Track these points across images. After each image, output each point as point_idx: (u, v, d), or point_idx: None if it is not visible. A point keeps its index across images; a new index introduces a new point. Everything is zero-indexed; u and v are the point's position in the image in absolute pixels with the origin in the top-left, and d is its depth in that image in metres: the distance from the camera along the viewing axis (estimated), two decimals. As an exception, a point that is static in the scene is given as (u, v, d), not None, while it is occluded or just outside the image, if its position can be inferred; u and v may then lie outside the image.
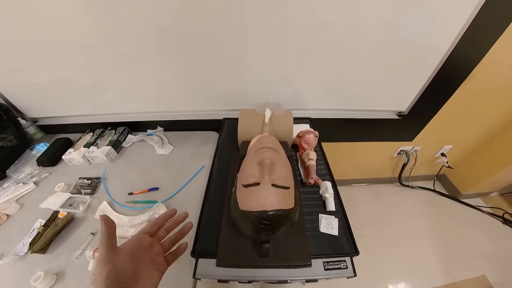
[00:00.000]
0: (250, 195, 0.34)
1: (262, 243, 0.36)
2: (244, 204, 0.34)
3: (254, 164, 0.36)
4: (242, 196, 0.35)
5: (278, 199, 0.33)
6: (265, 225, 0.32)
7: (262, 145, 0.40)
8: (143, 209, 0.63)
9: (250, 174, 0.35)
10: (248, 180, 0.35)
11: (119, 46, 0.68)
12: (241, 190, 0.36)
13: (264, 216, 0.32)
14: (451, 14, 0.63)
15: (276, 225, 0.33)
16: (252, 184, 0.34)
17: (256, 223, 0.33)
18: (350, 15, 0.62)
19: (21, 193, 0.69)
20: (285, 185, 0.35)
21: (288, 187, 0.35)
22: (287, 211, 0.34)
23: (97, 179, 0.72)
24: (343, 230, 0.50)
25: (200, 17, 0.62)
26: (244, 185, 0.35)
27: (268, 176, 0.34)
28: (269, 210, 0.32)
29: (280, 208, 0.33)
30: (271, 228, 0.33)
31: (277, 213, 0.32)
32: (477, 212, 1.34)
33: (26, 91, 0.81)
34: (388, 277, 1.08)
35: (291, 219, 0.35)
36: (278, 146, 0.42)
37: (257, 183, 0.34)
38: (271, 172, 0.35)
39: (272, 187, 0.34)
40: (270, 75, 0.77)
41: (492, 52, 0.74)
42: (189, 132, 0.90)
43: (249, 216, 0.33)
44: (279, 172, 0.35)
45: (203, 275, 0.41)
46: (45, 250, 0.55)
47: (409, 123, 0.98)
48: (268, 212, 0.32)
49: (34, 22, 0.62)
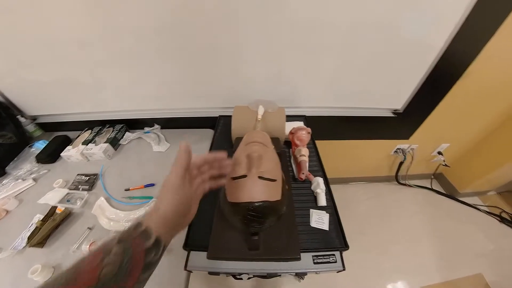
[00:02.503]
0: (237, 187, 0.35)
1: (251, 236, 0.37)
2: (232, 196, 0.35)
3: (242, 157, 0.37)
4: (230, 189, 0.36)
5: (264, 190, 0.34)
6: (252, 216, 0.33)
7: (251, 140, 0.41)
8: (139, 205, 0.64)
9: (239, 167, 0.36)
10: (236, 173, 0.36)
11: (118, 45, 0.69)
12: (229, 182, 0.37)
13: (251, 207, 0.33)
14: (446, 10, 0.64)
15: (263, 216, 0.34)
16: (239, 177, 0.35)
17: (243, 214, 0.33)
18: (346, 14, 0.63)
19: (20, 189, 0.70)
20: (272, 177, 0.36)
21: (274, 180, 0.36)
22: (273, 203, 0.34)
23: (95, 175, 0.74)
24: (334, 225, 0.50)
25: (198, 16, 0.62)
26: (232, 178, 0.36)
27: (255, 169, 0.35)
28: (255, 201, 0.33)
29: (266, 200, 0.33)
30: (258, 219, 0.33)
31: (263, 205, 0.33)
32: (474, 210, 1.34)
33: (26, 89, 0.83)
34: (385, 275, 1.09)
35: (278, 211, 0.36)
36: (267, 141, 0.43)
37: (244, 176, 0.35)
38: (258, 165, 0.36)
39: (259, 179, 0.34)
40: (266, 73, 0.78)
41: (487, 49, 0.73)
42: (186, 129, 0.91)
43: (237, 207, 0.34)
44: (266, 165, 0.36)
45: (194, 267, 0.42)
46: (43, 244, 0.57)
47: (405, 121, 0.98)
48: (254, 203, 0.33)
49: (34, 21, 0.63)
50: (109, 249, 0.22)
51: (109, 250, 0.22)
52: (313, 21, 0.64)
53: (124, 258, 0.22)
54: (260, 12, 0.62)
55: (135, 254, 0.23)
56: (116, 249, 0.22)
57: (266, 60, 0.74)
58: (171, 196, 0.27)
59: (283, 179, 0.42)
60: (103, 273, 0.21)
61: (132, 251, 0.23)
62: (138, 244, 0.24)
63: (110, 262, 0.22)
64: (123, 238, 0.24)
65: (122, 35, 0.67)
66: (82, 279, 0.20)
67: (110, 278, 0.21)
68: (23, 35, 0.66)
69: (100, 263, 0.21)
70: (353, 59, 0.74)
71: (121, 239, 0.24)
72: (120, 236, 0.24)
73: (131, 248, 0.23)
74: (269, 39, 0.68)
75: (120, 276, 0.22)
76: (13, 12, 0.61)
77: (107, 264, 0.21)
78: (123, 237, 0.24)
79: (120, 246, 0.23)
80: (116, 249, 0.23)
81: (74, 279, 0.20)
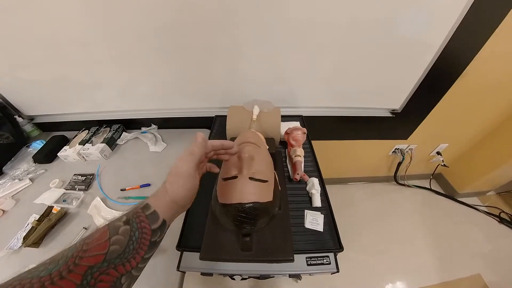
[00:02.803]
0: (228, 188, 0.35)
1: (243, 237, 0.37)
2: (223, 197, 0.35)
3: (234, 158, 0.37)
4: (221, 189, 0.36)
5: (255, 191, 0.34)
6: (242, 218, 0.33)
7: (243, 140, 0.41)
8: (134, 205, 0.64)
9: (230, 167, 0.36)
10: (227, 174, 0.36)
11: (116, 45, 0.69)
12: (220, 183, 0.37)
13: (241, 208, 0.32)
14: (443, 9, 0.63)
15: (253, 217, 0.33)
16: (230, 177, 0.35)
17: (234, 216, 0.33)
18: (343, 13, 0.62)
19: (16, 189, 0.70)
20: (264, 178, 0.35)
21: (266, 181, 0.36)
22: (264, 204, 0.34)
23: (91, 175, 0.74)
24: (328, 226, 0.50)
25: (196, 16, 0.62)
26: (223, 179, 0.36)
27: (246, 170, 0.35)
28: (246, 202, 0.33)
29: (257, 201, 0.33)
30: (248, 221, 0.33)
31: (253, 206, 0.33)
32: (473, 211, 1.33)
33: (23, 89, 0.83)
34: (383, 275, 1.08)
35: (269, 212, 0.35)
36: (259, 141, 0.43)
37: (235, 176, 0.35)
38: (249, 165, 0.35)
39: (250, 180, 0.34)
40: (263, 72, 0.77)
41: (486, 48, 0.73)
42: (183, 129, 0.91)
43: (227, 208, 0.34)
44: (258, 165, 0.36)
45: (187, 268, 0.42)
46: (39, 244, 0.57)
47: (403, 121, 0.98)
48: (244, 204, 0.32)
49: (32, 20, 0.63)
50: (117, 228, 0.23)
51: (116, 229, 0.23)
52: (311, 20, 0.64)
53: (131, 238, 0.23)
54: (258, 11, 0.62)
55: (141, 235, 0.24)
56: (124, 229, 0.23)
57: (263, 59, 0.73)
58: (182, 182, 0.28)
59: (276, 180, 0.41)
60: (110, 250, 0.21)
61: (139, 232, 0.24)
62: (145, 226, 0.24)
63: (117, 241, 0.22)
64: (131, 218, 0.24)
65: (120, 35, 0.66)
66: (88, 256, 0.20)
67: (116, 256, 0.21)
68: (21, 35, 0.66)
69: (107, 241, 0.22)
70: (351, 59, 0.74)
71: (129, 218, 0.24)
72: (128, 215, 0.24)
73: (138, 229, 0.24)
74: (267, 39, 0.68)
75: (126, 254, 0.22)
76: (11, 12, 0.61)
77: (114, 243, 0.22)
78: (130, 217, 0.24)
79: (127, 226, 0.23)
80: (124, 228, 0.23)
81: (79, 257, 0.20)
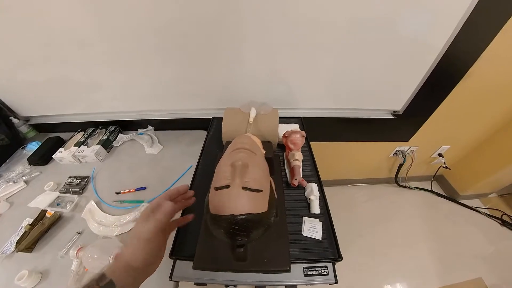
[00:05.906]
0: (220, 198, 0.33)
1: (237, 247, 0.36)
2: (214, 208, 0.33)
3: (227, 166, 0.35)
4: (213, 199, 0.34)
5: (249, 202, 0.32)
6: (234, 230, 0.31)
7: (238, 146, 0.39)
8: (129, 209, 0.63)
9: (222, 176, 0.34)
10: (220, 183, 0.34)
11: (114, 46, 0.68)
12: (212, 192, 0.35)
13: (233, 220, 0.31)
14: (447, 9, 0.61)
15: (246, 230, 0.32)
16: (222, 187, 0.33)
17: (226, 228, 0.32)
18: (345, 12, 0.61)
19: (11, 192, 0.70)
20: (258, 187, 0.33)
21: (260, 190, 0.34)
22: (258, 216, 0.33)
23: (86, 178, 0.73)
24: (327, 234, 0.49)
25: (196, 16, 0.61)
26: (215, 188, 0.34)
27: (239, 179, 0.33)
28: (238, 214, 0.31)
29: (250, 212, 0.32)
30: (241, 233, 0.32)
31: (246, 218, 0.31)
32: (474, 213, 1.31)
33: (19, 89, 0.81)
34: (383, 278, 1.07)
35: (263, 223, 0.34)
36: (254, 147, 0.41)
37: (227, 186, 0.33)
38: (242, 174, 0.34)
39: (243, 190, 0.32)
40: (262, 73, 0.76)
41: (490, 49, 0.71)
42: (180, 131, 0.90)
43: (219, 220, 0.32)
44: (252, 174, 0.34)
45: (180, 277, 0.41)
46: (32, 249, 0.56)
47: (404, 123, 0.96)
48: (237, 216, 0.31)
49: (28, 21, 0.62)
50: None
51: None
52: (312, 20, 0.62)
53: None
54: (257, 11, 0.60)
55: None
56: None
57: (262, 60, 0.72)
58: (143, 245, 0.28)
59: (271, 188, 0.40)
60: None
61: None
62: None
63: None
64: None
65: (117, 36, 0.65)
66: None
67: None
68: (17, 35, 0.65)
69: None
70: (352, 58, 0.72)
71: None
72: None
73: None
74: (266, 40, 0.66)
75: None
76: (7, 12, 0.59)
77: None
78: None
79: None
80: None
81: None
